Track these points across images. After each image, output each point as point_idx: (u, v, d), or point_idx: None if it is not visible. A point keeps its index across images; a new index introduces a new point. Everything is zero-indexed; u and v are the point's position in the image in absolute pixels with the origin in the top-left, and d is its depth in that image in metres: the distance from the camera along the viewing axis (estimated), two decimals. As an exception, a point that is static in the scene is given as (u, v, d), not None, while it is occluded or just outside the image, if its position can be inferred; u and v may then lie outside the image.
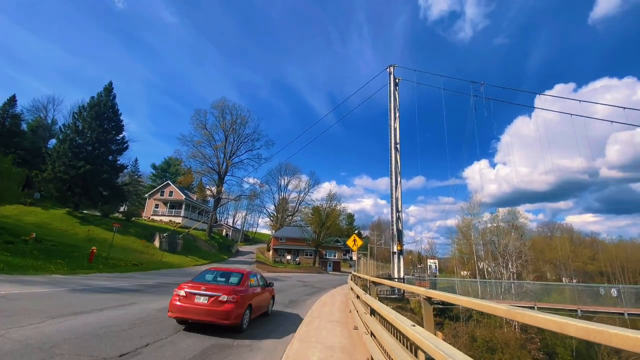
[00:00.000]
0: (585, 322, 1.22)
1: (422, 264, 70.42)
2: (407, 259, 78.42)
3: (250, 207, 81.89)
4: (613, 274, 48.77)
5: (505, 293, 27.49)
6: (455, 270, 48.13)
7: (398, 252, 22.97)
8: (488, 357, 17.77)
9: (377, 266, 29.81)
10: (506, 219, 46.61)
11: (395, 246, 23.07)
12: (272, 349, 6.89)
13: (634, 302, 21.23)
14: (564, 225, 66.74)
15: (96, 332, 6.53)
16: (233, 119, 51.32)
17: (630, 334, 1.07)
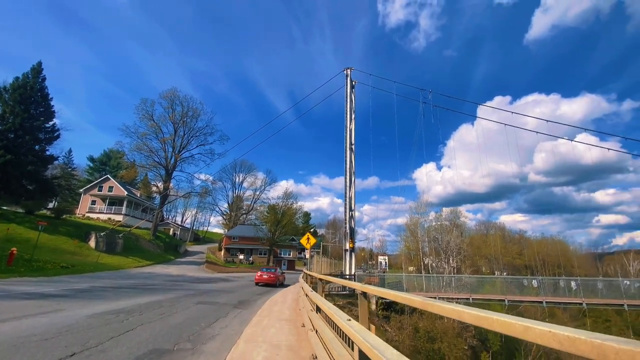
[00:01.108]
0: (476, 310, 1.38)
1: (374, 260, 73.29)
2: (360, 255, 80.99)
3: (202, 205, 78.30)
4: (536, 267, 55.26)
5: (447, 286, 29.62)
6: (402, 266, 50.87)
7: (350, 249, 23.63)
8: (429, 346, 19.13)
9: (330, 264, 30.35)
10: (449, 218, 50.49)
11: (348, 244, 23.70)
12: (216, 351, 6.66)
13: (552, 292, 24.13)
14: (497, 224, 73.96)
15: (13, 342, 5.76)
16: (184, 111, 48.47)
17: (509, 320, 1.23)
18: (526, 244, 60.76)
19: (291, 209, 57.78)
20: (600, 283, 23.73)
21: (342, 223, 25.23)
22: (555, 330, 1.00)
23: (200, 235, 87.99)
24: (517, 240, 65.50)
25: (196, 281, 23.65)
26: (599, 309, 35.18)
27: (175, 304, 12.04)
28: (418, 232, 48.55)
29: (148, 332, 7.53)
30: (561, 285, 23.35)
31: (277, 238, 56.40)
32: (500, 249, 53.34)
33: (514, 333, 1.16)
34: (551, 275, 48.39)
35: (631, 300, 22.02)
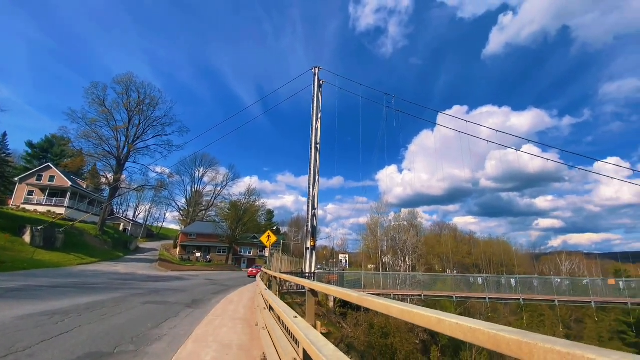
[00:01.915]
0: (401, 304, 1.43)
1: (335, 258, 74.38)
2: (321, 254, 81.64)
3: (157, 199, 74.00)
4: (483, 266, 59.59)
5: (402, 284, 30.87)
6: (362, 264, 52.23)
7: (311, 247, 23.72)
8: (382, 341, 19.85)
9: (291, 262, 30.27)
10: (407, 219, 52.71)
11: (309, 242, 23.77)
12: (161, 353, 6.31)
13: (495, 289, 26.09)
14: (451, 225, 78.59)
15: None
16: (140, 98, 45.33)
17: (426, 313, 1.28)
18: (475, 244, 65.31)
19: (254, 206, 56.72)
20: (536, 281, 26.17)
21: (305, 221, 25.26)
22: (462, 322, 1.05)
23: (154, 232, 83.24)
24: (467, 240, 70.13)
25: (147, 280, 22.33)
26: (534, 304, 38.90)
27: (120, 303, 11.27)
28: (378, 231, 50.12)
29: (86, 334, 6.96)
30: (503, 283, 25.38)
31: (237, 236, 55.02)
32: (452, 249, 56.81)
33: (429, 325, 1.21)
34: (495, 273, 52.46)
35: (561, 296, 24.54)
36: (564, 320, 48.24)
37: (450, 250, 53.75)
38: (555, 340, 0.79)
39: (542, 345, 0.78)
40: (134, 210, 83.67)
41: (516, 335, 0.85)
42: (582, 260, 62.04)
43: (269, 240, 17.90)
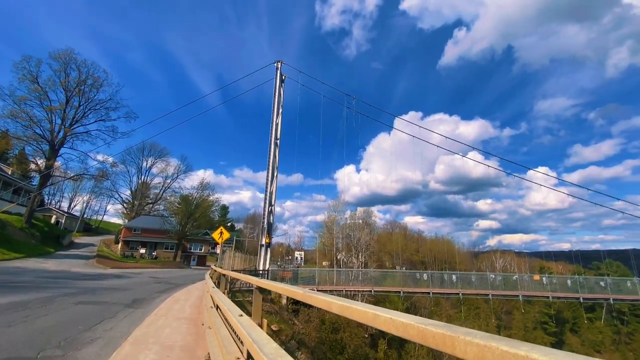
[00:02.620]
0: (342, 300, 1.44)
1: (291, 255, 74.26)
2: (277, 251, 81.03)
3: (97, 190, 67.56)
4: (429, 263, 63.62)
5: (355, 280, 31.82)
6: (317, 260, 52.83)
7: (266, 244, 23.39)
8: (332, 336, 20.27)
9: (244, 259, 29.56)
10: (362, 217, 54.33)
11: (264, 239, 23.41)
12: (93, 357, 5.76)
13: (439, 284, 27.92)
14: (401, 223, 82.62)
15: None
16: (81, 78, 40.80)
17: (364, 309, 1.29)
18: (422, 243, 69.50)
19: (207, 201, 54.33)
20: (474, 277, 28.56)
21: (262, 218, 24.81)
22: (395, 317, 1.07)
23: (93, 226, 76.04)
24: (416, 238, 74.33)
25: (82, 278, 20.32)
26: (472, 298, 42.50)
27: (48, 304, 10.11)
28: (334, 229, 51.02)
29: (4, 338, 6.15)
30: (445, 279, 27.31)
31: (188, 231, 52.32)
32: (402, 246, 59.83)
33: (366, 321, 1.22)
34: (440, 269, 56.30)
35: (495, 291, 27.05)
36: (496, 312, 53.34)
37: (400, 248, 56.57)
38: (475, 333, 0.83)
39: (463, 337, 0.81)
40: (69, 201, 75.52)
41: (441, 329, 0.88)
42: (513, 258, 69.09)
43: (221, 236, 17.27)
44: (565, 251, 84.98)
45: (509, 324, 53.09)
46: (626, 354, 53.94)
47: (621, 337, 56.20)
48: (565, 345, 53.40)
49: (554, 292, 26.67)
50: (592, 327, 56.49)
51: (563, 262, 70.20)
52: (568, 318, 54.80)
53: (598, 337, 55.57)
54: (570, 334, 54.69)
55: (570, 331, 54.87)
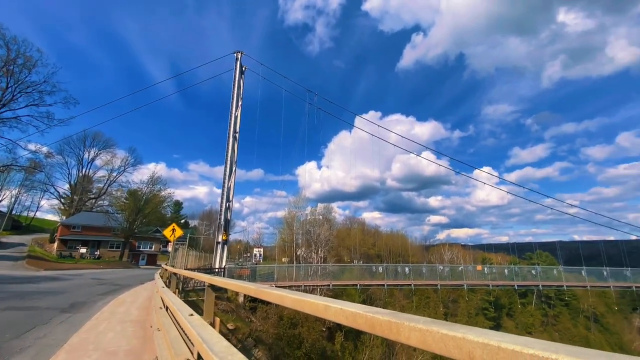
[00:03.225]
0: (295, 294, 1.42)
1: (249, 252, 72.77)
2: (235, 248, 79.03)
3: (28, 183, 60.26)
4: (384, 256, 66.31)
5: (314, 275, 32.15)
6: (276, 257, 52.42)
7: (223, 242, 22.63)
8: (290, 331, 20.31)
9: (199, 257, 28.35)
10: (322, 213, 54.93)
11: (221, 236, 22.63)
12: (19, 370, 5.16)
13: (393, 276, 29.22)
14: (360, 219, 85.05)
15: None
16: (10, 56, 35.92)
17: (315, 301, 1.28)
18: (379, 237, 72.22)
19: (158, 197, 51.04)
20: (425, 268, 30.37)
21: (218, 214, 23.89)
22: (345, 307, 1.08)
23: (23, 223, 67.80)
24: (373, 233, 76.96)
25: (9, 281, 18.07)
26: (422, 288, 45.17)
27: (-36, 313, 8.85)
28: (294, 225, 50.94)
29: None
30: (399, 271, 28.70)
31: (136, 229, 48.76)
32: (359, 241, 61.63)
33: (318, 312, 1.22)
34: (394, 262, 59.02)
35: (443, 281, 29.00)
36: (444, 301, 57.27)
37: (358, 243, 58.22)
38: (419, 319, 0.85)
39: (407, 324, 0.83)
40: (-7, 196, 66.34)
41: (387, 316, 0.90)
42: (460, 251, 74.56)
43: (173, 234, 16.36)
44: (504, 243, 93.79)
45: (455, 312, 57.35)
46: (552, 334, 61.22)
47: (548, 319, 63.64)
48: (502, 328, 59.08)
49: (493, 280, 29.31)
50: (524, 311, 63.18)
51: (502, 253, 77.40)
52: (505, 304, 60.63)
53: (529, 320, 62.31)
54: (507, 318, 60.61)
55: (507, 315, 60.79)
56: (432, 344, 0.76)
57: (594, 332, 63.56)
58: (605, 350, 2.67)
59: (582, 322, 64.37)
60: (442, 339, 0.73)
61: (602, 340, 62.30)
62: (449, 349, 0.71)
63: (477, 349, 0.64)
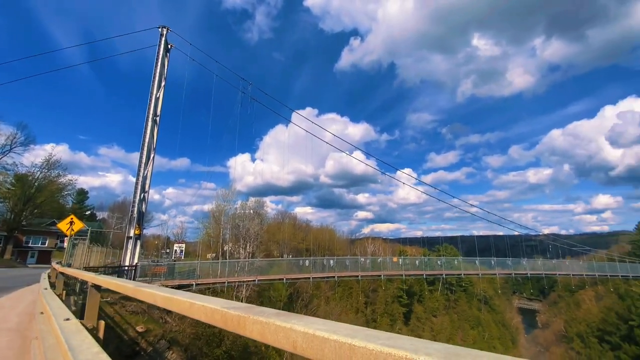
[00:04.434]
0: (166, 291, 1.32)
1: (170, 248, 67.25)
2: (152, 243, 72.38)
3: None
4: (313, 250, 68.04)
5: (241, 270, 31.27)
6: (200, 253, 49.57)
7: (135, 236, 20.44)
8: (210, 330, 19.45)
9: (106, 254, 25.16)
10: (253, 207, 53.68)
11: (133, 230, 20.41)
12: None
13: (320, 269, 30.07)
14: (292, 214, 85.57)
15: None
16: None
17: (181, 298, 1.20)
18: (309, 232, 73.78)
19: (54, 183, 43.41)
20: (348, 261, 32.06)
21: (131, 206, 21.43)
22: (207, 304, 1.02)
23: None
24: (303, 228, 78.24)
25: None
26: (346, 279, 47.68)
27: None
28: (222, 219, 48.68)
29: None
30: (325, 264, 29.77)
31: (24, 221, 40.85)
32: (290, 236, 62.09)
33: (183, 310, 1.15)
34: (322, 256, 60.99)
35: (364, 272, 30.99)
36: (364, 291, 61.43)
37: (288, 237, 58.54)
38: (263, 311, 0.85)
39: (252, 317, 0.82)
40: None
41: (238, 310, 0.88)
42: (381, 244, 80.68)
43: (71, 227, 14.14)
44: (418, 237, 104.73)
45: (374, 300, 62.04)
46: (452, 316, 70.66)
47: (450, 303, 73.24)
48: (413, 313, 66.03)
49: (407, 271, 32.47)
50: (432, 297, 71.59)
51: (416, 246, 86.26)
52: (416, 291, 67.76)
53: (435, 305, 70.85)
54: (417, 304, 67.86)
55: (417, 302, 68.06)
56: (268, 336, 0.76)
57: (484, 312, 75.41)
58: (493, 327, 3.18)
59: (475, 304, 75.75)
60: (275, 331, 0.74)
61: (489, 319, 74.32)
62: (279, 340, 0.72)
63: (299, 337, 0.66)
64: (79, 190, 64.74)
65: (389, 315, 61.56)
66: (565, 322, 73.92)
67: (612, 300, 64.49)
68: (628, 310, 58.37)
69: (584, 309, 71.04)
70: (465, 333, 68.56)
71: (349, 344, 0.52)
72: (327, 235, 72.48)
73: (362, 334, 0.57)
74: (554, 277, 67.93)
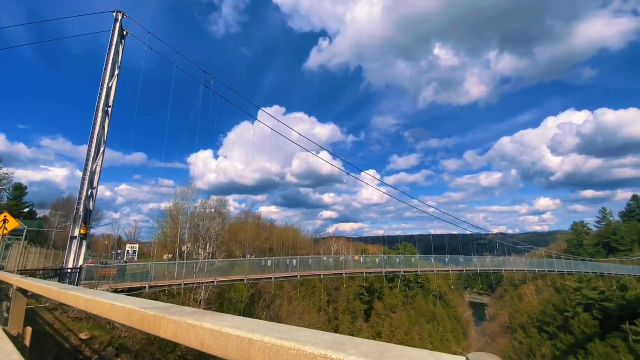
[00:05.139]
0: (89, 294, 1.24)
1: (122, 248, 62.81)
2: (101, 243, 67.27)
3: None
4: (277, 250, 67.42)
5: (200, 271, 30.07)
6: (155, 253, 46.93)
7: (81, 236, 18.86)
8: (164, 334, 18.47)
9: (47, 255, 22.91)
10: (215, 206, 51.85)
11: (78, 229, 18.80)
12: None
13: (284, 269, 29.80)
14: (256, 213, 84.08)
15: None
16: None
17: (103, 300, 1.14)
18: (273, 231, 73.03)
19: (-14, 177, 38.72)
20: (311, 260, 32.22)
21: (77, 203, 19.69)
22: (126, 304, 0.98)
23: None
24: (267, 227, 77.24)
25: None
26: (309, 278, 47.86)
27: None
28: (180, 218, 46.43)
29: None
30: (288, 263, 29.64)
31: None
32: (253, 235, 60.98)
33: (103, 312, 1.08)
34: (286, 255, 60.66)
35: (326, 270, 31.29)
36: (327, 289, 62.15)
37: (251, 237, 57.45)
38: (180, 311, 0.83)
39: (168, 317, 0.80)
40: None
41: (154, 311, 0.85)
42: (344, 243, 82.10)
43: (4, 225, 12.68)
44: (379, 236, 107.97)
45: (337, 298, 63.00)
46: (410, 312, 73.87)
47: (408, 299, 76.53)
48: (373, 309, 68.07)
49: (367, 268, 33.36)
50: (391, 293, 74.28)
51: (378, 244, 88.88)
52: (377, 288, 69.94)
53: (394, 301, 73.60)
54: (378, 301, 70.06)
55: (378, 298, 70.28)
56: (180, 335, 0.75)
57: (439, 307, 79.84)
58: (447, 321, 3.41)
59: (431, 300, 79.93)
60: (187, 329, 0.72)
61: (443, 313, 78.84)
62: (190, 338, 0.71)
63: (207, 335, 0.65)
64: (16, 184, 57.95)
65: (350, 312, 62.85)
66: (510, 314, 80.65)
67: (550, 293, 71.56)
68: (563, 303, 65.12)
69: (526, 301, 78.01)
70: (421, 327, 72.07)
71: (248, 339, 0.54)
72: (292, 234, 72.27)
73: (264, 329, 0.59)
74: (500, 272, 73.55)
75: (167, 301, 30.91)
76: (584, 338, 57.13)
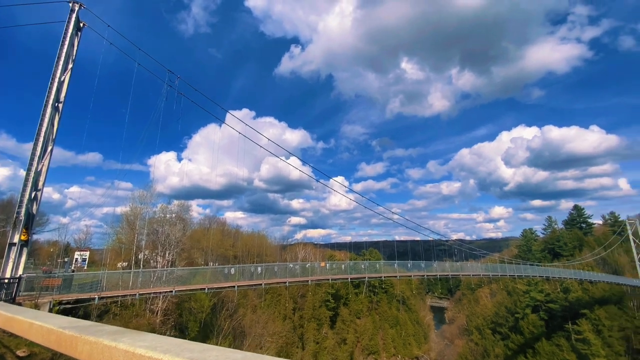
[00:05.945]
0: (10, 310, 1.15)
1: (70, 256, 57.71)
2: (47, 251, 61.59)
3: None
4: (242, 257, 65.63)
5: (158, 281, 28.42)
6: (108, 261, 43.66)
7: (21, 242, 17.13)
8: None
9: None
10: (176, 211, 49.50)
11: (19, 235, 17.06)
12: None
13: (249, 277, 29.00)
14: (221, 219, 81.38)
15: None
16: None
17: (24, 318, 1.07)
18: (239, 238, 71.10)
19: None
20: (277, 267, 31.75)
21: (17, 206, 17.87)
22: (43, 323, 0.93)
23: None
24: (233, 234, 75.03)
25: None
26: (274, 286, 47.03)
27: None
28: (137, 223, 43.70)
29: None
30: (252, 271, 28.95)
31: None
32: (217, 242, 58.95)
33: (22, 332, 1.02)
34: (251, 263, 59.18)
35: (291, 278, 30.94)
36: (293, 297, 61.41)
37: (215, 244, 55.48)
38: (97, 330, 0.81)
39: (84, 337, 0.77)
40: None
41: (72, 331, 0.81)
42: (312, 249, 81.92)
43: None
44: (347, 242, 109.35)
45: (303, 306, 62.42)
46: (375, 317, 74.98)
47: (373, 305, 77.73)
48: (339, 316, 68.26)
49: (334, 275, 33.49)
50: (357, 300, 75.04)
51: (345, 251, 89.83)
52: (343, 295, 70.32)
53: (360, 307, 74.41)
54: (343, 307, 70.40)
55: (344, 305, 70.64)
56: (96, 357, 0.72)
57: (402, 312, 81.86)
58: (410, 325, 3.57)
59: (395, 305, 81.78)
60: (102, 351, 0.70)
61: (406, 317, 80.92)
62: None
63: (121, 356, 0.64)
64: (-57, 185, 51.51)
65: (316, 319, 62.49)
66: (467, 317, 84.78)
67: (503, 296, 76.30)
68: (514, 305, 69.69)
69: (482, 304, 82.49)
70: (385, 332, 73.39)
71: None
72: (258, 241, 70.82)
73: (178, 349, 0.59)
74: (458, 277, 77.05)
75: (119, 313, 28.92)
76: (533, 338, 61.42)
